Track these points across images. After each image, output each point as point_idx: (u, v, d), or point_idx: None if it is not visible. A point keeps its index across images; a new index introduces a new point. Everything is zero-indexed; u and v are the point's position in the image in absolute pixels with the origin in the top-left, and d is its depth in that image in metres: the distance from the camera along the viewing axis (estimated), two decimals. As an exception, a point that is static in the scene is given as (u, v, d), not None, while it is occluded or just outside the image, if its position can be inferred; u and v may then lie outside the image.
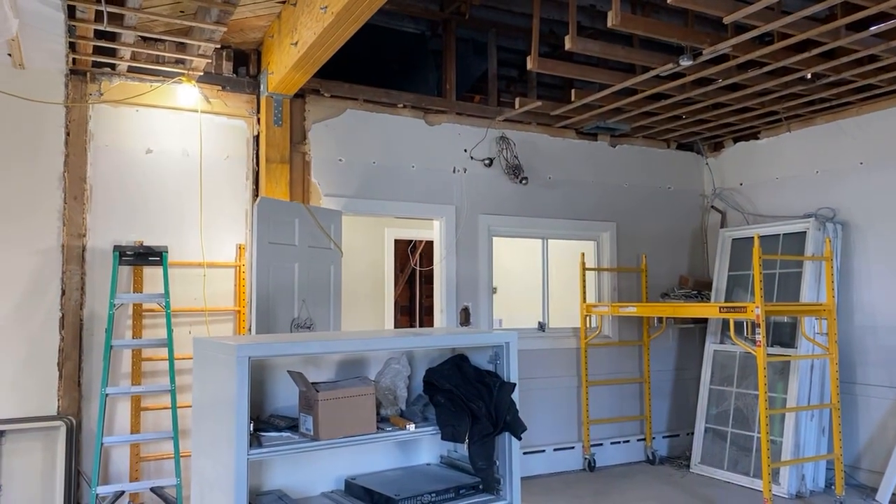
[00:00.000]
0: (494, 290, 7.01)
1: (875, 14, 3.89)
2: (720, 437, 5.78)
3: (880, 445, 5.27)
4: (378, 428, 2.53)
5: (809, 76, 4.94)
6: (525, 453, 5.73)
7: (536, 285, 6.28)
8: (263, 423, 2.53)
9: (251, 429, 2.29)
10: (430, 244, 7.07)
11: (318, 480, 2.75)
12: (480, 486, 2.76)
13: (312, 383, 2.49)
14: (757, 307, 4.49)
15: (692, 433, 6.08)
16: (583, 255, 6.14)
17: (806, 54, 4.42)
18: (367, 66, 5.60)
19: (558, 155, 6.24)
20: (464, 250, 5.74)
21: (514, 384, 2.74)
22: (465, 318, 5.71)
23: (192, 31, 4.17)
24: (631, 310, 5.63)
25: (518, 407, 2.74)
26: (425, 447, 3.01)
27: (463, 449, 2.85)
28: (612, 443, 6.15)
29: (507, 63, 6.25)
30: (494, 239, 6.02)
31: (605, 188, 6.43)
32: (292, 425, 2.52)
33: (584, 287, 6.09)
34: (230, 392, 2.18)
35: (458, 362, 2.87)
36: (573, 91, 5.42)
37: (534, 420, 5.85)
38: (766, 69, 4.70)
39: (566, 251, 6.57)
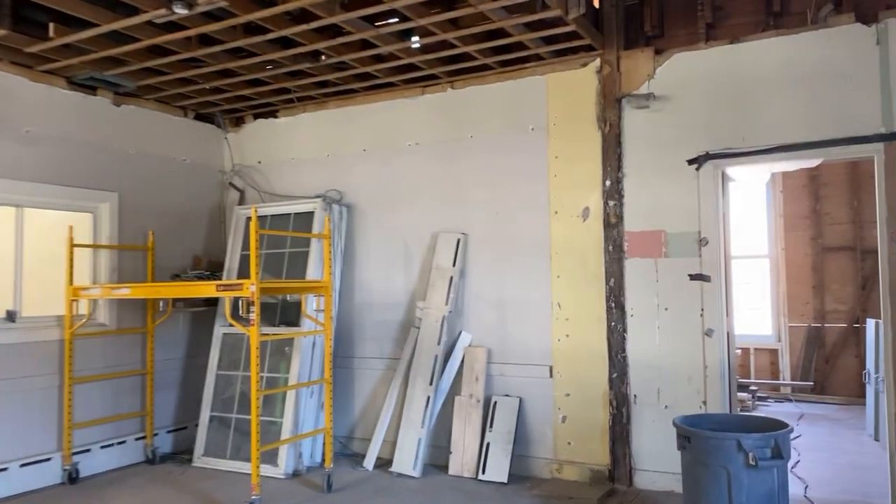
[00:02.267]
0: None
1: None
2: (225, 424, 5.48)
3: (371, 414, 5.64)
4: None
5: (322, 58, 4.96)
6: (-26, 477, 4.52)
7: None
8: None
9: None
10: None
11: None
12: None
13: None
14: (252, 284, 4.26)
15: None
16: (71, 228, 5.16)
17: (305, 26, 4.35)
18: None
19: (42, 105, 5.12)
20: None
21: None
22: None
23: None
24: (125, 291, 4.89)
25: None
26: None
27: None
28: (103, 446, 5.30)
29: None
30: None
31: (106, 153, 5.52)
32: None
33: (72, 267, 5.11)
34: None
35: None
36: (51, 26, 4.43)
37: (-7, 433, 4.67)
38: (269, 36, 4.50)
39: (59, 225, 5.45)
